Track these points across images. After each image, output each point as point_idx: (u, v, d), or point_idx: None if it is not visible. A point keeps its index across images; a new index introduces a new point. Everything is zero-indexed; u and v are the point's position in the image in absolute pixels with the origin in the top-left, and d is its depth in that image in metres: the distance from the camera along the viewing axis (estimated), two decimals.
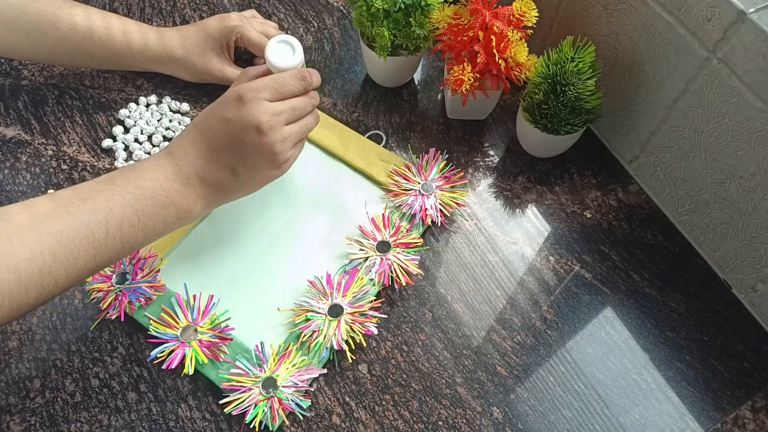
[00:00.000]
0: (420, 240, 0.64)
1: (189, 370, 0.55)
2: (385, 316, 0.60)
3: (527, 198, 0.69)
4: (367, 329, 0.58)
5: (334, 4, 0.85)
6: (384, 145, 0.72)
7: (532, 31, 0.65)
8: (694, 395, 0.57)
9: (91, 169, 0.69)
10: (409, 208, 0.66)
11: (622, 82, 0.67)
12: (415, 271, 0.62)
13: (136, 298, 0.59)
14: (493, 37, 0.63)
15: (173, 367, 0.56)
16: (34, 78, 0.75)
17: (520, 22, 0.64)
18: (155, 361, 0.57)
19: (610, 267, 0.64)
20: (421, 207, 0.65)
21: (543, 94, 0.64)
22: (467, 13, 0.65)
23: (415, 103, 0.76)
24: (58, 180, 0.68)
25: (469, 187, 0.70)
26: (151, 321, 0.58)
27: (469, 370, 0.58)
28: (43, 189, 0.67)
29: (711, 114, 0.57)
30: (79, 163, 0.69)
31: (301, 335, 0.57)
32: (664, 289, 0.63)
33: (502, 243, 0.66)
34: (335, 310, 0.58)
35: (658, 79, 0.61)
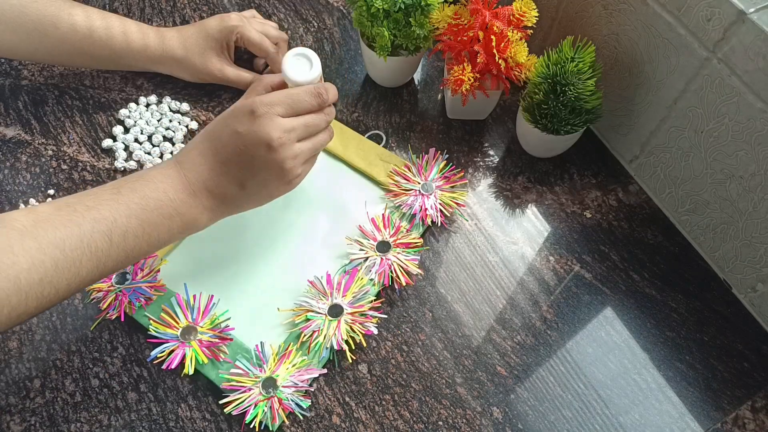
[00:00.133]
0: (420, 240, 0.64)
1: (189, 370, 0.55)
2: (385, 316, 0.60)
3: (527, 198, 0.69)
4: (367, 329, 0.58)
5: (334, 4, 0.85)
6: (384, 145, 0.72)
7: (532, 31, 0.65)
8: (694, 395, 0.57)
9: (91, 169, 0.69)
10: (409, 208, 0.66)
11: (622, 82, 0.67)
12: (415, 271, 0.62)
13: (136, 298, 0.59)
14: (493, 37, 0.63)
15: (173, 367, 0.56)
16: (34, 78, 0.75)
17: (520, 22, 0.64)
18: (155, 361, 0.57)
19: (610, 267, 0.64)
20: (421, 207, 0.65)
21: (543, 94, 0.64)
22: (467, 13, 0.65)
23: (415, 103, 0.76)
24: (58, 180, 0.68)
25: (469, 187, 0.70)
26: (151, 321, 0.58)
27: (469, 370, 0.58)
28: (43, 189, 0.67)
29: (711, 114, 0.57)
30: (79, 163, 0.69)
31: (301, 335, 0.57)
32: (664, 289, 0.63)
33: (502, 243, 0.66)
34: (335, 310, 0.58)
35: (658, 79, 0.61)
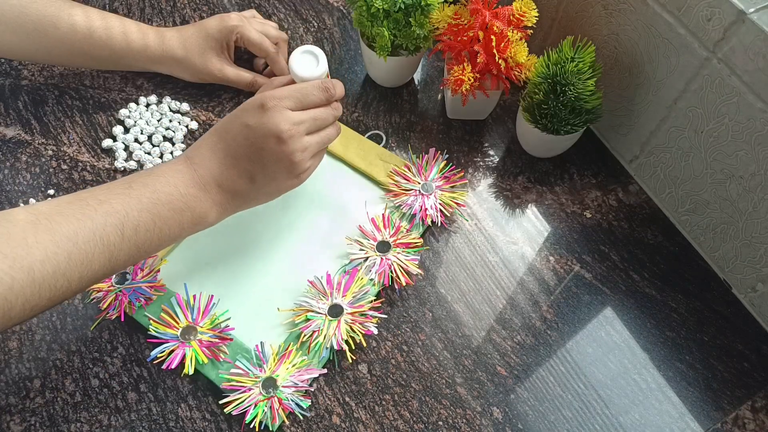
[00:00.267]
0: (420, 240, 0.64)
1: (189, 370, 0.55)
2: (385, 316, 0.60)
3: (527, 198, 0.69)
4: (367, 329, 0.58)
5: (334, 4, 0.85)
6: (384, 145, 0.72)
7: (532, 31, 0.65)
8: (694, 395, 0.57)
9: (91, 169, 0.69)
10: (409, 208, 0.66)
11: (622, 82, 0.67)
12: (415, 271, 0.62)
13: (136, 298, 0.59)
14: (493, 37, 0.63)
15: (173, 367, 0.56)
16: (34, 78, 0.75)
17: (520, 22, 0.64)
18: (155, 361, 0.57)
19: (610, 267, 0.64)
20: (421, 207, 0.65)
21: (543, 94, 0.64)
22: (467, 13, 0.65)
23: (415, 103, 0.76)
24: (58, 180, 0.68)
25: (469, 187, 0.70)
26: (151, 321, 0.58)
27: (469, 370, 0.58)
28: (43, 189, 0.67)
29: (711, 114, 0.57)
30: (79, 163, 0.69)
31: (301, 335, 0.57)
32: (664, 289, 0.63)
33: (502, 243, 0.66)
34: (335, 310, 0.58)
35: (658, 79, 0.61)
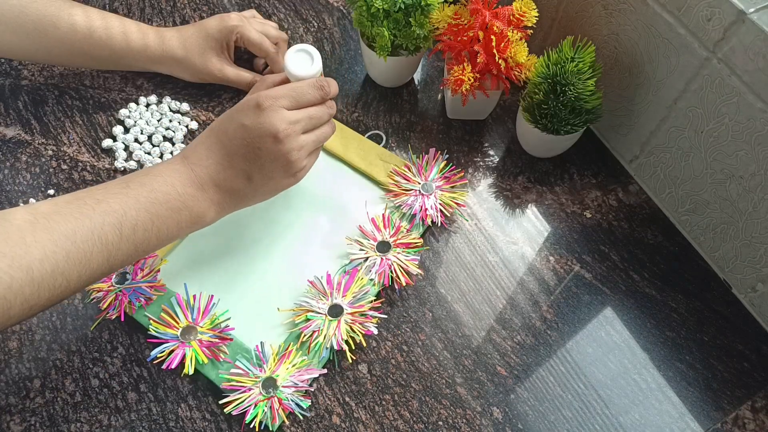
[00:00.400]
0: (420, 240, 0.64)
1: (189, 370, 0.55)
2: (385, 316, 0.60)
3: (527, 198, 0.69)
4: (367, 329, 0.58)
5: (334, 4, 0.85)
6: (384, 145, 0.72)
7: (532, 31, 0.65)
8: (694, 395, 0.57)
9: (91, 169, 0.69)
10: (409, 208, 0.66)
11: (622, 82, 0.67)
12: (415, 271, 0.62)
13: (136, 298, 0.59)
14: (493, 37, 0.63)
15: (173, 367, 0.56)
16: (34, 78, 0.75)
17: (520, 22, 0.64)
18: (155, 361, 0.57)
19: (610, 267, 0.64)
20: (421, 207, 0.65)
21: (543, 94, 0.64)
22: (467, 13, 0.65)
23: (415, 103, 0.76)
24: (58, 180, 0.68)
25: (469, 187, 0.70)
26: (151, 321, 0.58)
27: (469, 370, 0.58)
28: (43, 189, 0.67)
29: (711, 114, 0.57)
30: (79, 163, 0.69)
31: (301, 335, 0.57)
32: (664, 289, 0.63)
33: (502, 243, 0.66)
34: (335, 310, 0.58)
35: (658, 79, 0.61)
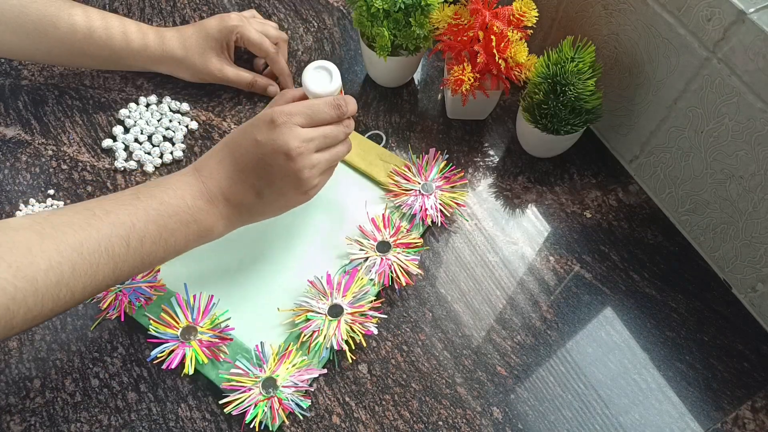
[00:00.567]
0: (420, 240, 0.64)
1: (189, 370, 0.55)
2: (385, 316, 0.60)
3: (527, 198, 0.69)
4: (367, 329, 0.58)
5: (334, 4, 0.85)
6: (384, 145, 0.72)
7: (532, 31, 0.65)
8: (694, 395, 0.57)
9: (91, 169, 0.69)
10: (409, 208, 0.66)
11: (622, 82, 0.67)
12: (415, 271, 0.62)
13: (136, 298, 0.59)
14: (493, 37, 0.63)
15: (173, 367, 0.56)
16: (34, 78, 0.75)
17: (520, 22, 0.64)
18: (155, 361, 0.57)
19: (610, 267, 0.64)
20: (421, 207, 0.65)
21: (543, 94, 0.64)
22: (467, 13, 0.65)
23: (415, 103, 0.76)
24: (58, 180, 0.68)
25: (469, 187, 0.70)
26: (151, 321, 0.58)
27: (469, 370, 0.58)
28: (43, 189, 0.67)
29: (711, 114, 0.57)
30: (79, 163, 0.69)
31: (301, 335, 0.57)
32: (664, 289, 0.63)
33: (502, 243, 0.66)
34: (335, 310, 0.58)
35: (658, 79, 0.61)
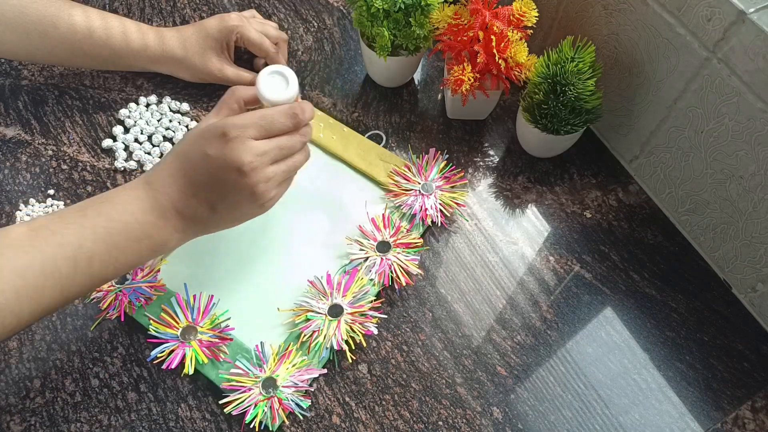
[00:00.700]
0: (420, 240, 0.64)
1: (189, 370, 0.55)
2: (385, 316, 0.60)
3: (527, 198, 0.69)
4: (367, 329, 0.58)
5: (334, 4, 0.85)
6: (384, 145, 0.72)
7: (532, 31, 0.65)
8: (694, 395, 0.57)
9: (91, 169, 0.69)
10: (409, 208, 0.66)
11: (622, 82, 0.67)
12: (415, 271, 0.62)
13: (136, 298, 0.59)
14: (493, 37, 0.63)
15: (173, 367, 0.56)
16: (34, 78, 0.75)
17: (520, 22, 0.64)
18: (155, 361, 0.56)
19: (610, 267, 0.64)
20: (421, 207, 0.65)
21: (543, 94, 0.64)
22: (467, 13, 0.65)
23: (415, 103, 0.76)
24: (58, 180, 0.68)
25: (469, 187, 0.70)
26: (151, 321, 0.58)
27: (469, 370, 0.58)
28: (43, 189, 0.67)
29: (711, 114, 0.57)
30: (79, 163, 0.69)
31: (301, 335, 0.57)
32: (664, 289, 0.63)
33: (502, 243, 0.66)
34: (335, 310, 0.58)
35: (658, 79, 0.61)
